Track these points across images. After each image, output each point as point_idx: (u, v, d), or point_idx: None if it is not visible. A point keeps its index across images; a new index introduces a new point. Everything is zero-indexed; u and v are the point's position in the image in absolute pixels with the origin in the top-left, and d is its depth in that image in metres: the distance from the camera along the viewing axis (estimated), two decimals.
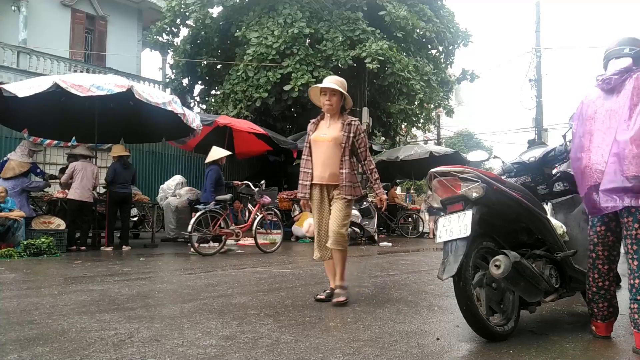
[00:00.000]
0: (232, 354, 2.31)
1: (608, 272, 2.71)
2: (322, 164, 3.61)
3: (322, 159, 3.61)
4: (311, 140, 3.69)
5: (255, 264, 6.23)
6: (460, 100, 29.93)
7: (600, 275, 2.71)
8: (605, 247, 2.70)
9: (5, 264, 5.66)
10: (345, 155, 3.57)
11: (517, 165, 3.32)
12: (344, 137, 3.57)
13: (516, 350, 2.46)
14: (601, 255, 2.71)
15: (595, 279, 2.73)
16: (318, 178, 3.64)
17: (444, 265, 2.57)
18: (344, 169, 3.56)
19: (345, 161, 3.57)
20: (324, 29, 12.93)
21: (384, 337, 2.65)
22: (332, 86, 3.57)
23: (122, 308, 3.30)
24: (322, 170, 3.61)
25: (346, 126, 3.61)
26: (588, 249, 2.78)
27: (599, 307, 2.71)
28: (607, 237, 2.69)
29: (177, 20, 14.41)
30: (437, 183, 2.76)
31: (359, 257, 7.48)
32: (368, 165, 3.69)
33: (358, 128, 3.63)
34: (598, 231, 2.72)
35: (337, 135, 3.58)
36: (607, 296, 2.70)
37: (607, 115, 2.60)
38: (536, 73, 17.31)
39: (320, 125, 3.73)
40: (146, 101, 7.13)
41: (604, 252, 2.70)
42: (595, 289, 2.72)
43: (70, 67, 15.17)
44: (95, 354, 2.26)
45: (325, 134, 3.63)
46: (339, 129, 3.60)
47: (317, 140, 3.65)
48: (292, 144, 11.42)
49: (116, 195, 7.85)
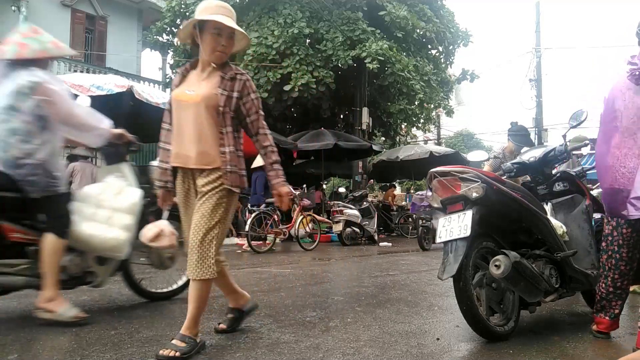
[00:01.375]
0: (232, 354, 2.31)
1: (629, 271, 2.65)
2: (188, 137, 2.36)
3: (188, 129, 2.36)
4: (172, 100, 2.45)
5: (255, 264, 6.23)
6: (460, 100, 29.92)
7: (621, 275, 2.65)
8: (630, 248, 2.62)
9: None
10: (226, 124, 2.38)
11: (517, 165, 3.32)
12: (222, 97, 2.35)
13: (516, 350, 2.46)
14: (625, 256, 2.63)
15: (615, 279, 2.66)
16: (181, 158, 2.39)
17: (444, 265, 2.57)
18: (226, 147, 2.37)
19: (227, 135, 2.38)
20: (324, 29, 12.94)
21: (384, 337, 2.65)
22: (232, 25, 2.36)
23: (122, 308, 3.30)
24: (187, 147, 2.36)
25: (227, 81, 2.39)
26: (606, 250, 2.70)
27: (612, 305, 2.68)
28: (632, 238, 2.61)
29: (177, 20, 14.42)
30: (437, 183, 2.76)
31: (359, 257, 7.48)
32: (262, 141, 2.52)
33: (246, 85, 2.44)
34: (624, 233, 2.62)
35: (210, 94, 2.34)
36: (623, 295, 2.67)
37: (638, 114, 2.41)
38: (536, 73, 17.31)
39: (190, 77, 2.48)
40: (146, 101, 7.13)
41: (629, 253, 2.63)
42: (613, 288, 2.67)
43: (70, 67, 15.16)
44: (95, 354, 2.26)
45: (193, 91, 2.37)
46: (214, 85, 2.37)
47: (181, 100, 2.39)
48: (292, 144, 11.43)
49: None
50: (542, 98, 17.33)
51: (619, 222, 2.64)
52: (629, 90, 2.46)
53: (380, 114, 15.52)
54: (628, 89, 2.47)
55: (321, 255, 7.75)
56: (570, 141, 3.17)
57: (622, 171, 2.44)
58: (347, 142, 12.29)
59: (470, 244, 2.55)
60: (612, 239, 2.67)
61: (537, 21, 17.31)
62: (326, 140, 11.79)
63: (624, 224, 2.61)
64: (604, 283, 2.72)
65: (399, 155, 13.55)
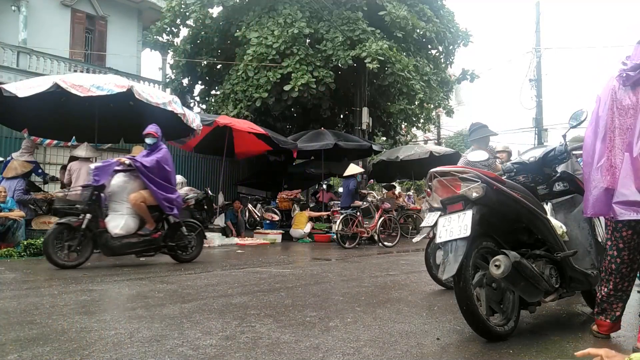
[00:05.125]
0: (232, 354, 2.31)
1: (630, 273, 2.64)
2: None
3: None
4: None
5: (255, 264, 6.23)
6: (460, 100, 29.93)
7: (622, 278, 2.64)
8: (632, 251, 2.60)
9: (5, 264, 5.65)
10: None
11: (517, 165, 3.31)
12: None
13: (516, 350, 2.46)
14: (627, 259, 2.62)
15: (616, 283, 2.65)
16: None
17: (444, 265, 2.57)
18: None
19: None
20: (324, 29, 12.94)
21: (384, 337, 2.65)
22: None
23: (122, 308, 3.30)
24: None
25: None
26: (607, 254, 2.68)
27: (613, 307, 2.67)
28: (633, 240, 2.59)
29: (177, 20, 14.41)
30: (437, 183, 2.76)
31: (359, 257, 7.48)
32: None
33: None
34: (624, 236, 2.60)
35: None
36: (624, 297, 2.66)
37: (625, 114, 2.44)
38: (536, 73, 17.32)
39: None
40: (146, 101, 7.12)
41: (630, 255, 2.61)
42: (614, 291, 2.66)
43: (70, 67, 15.16)
44: (95, 354, 2.26)
45: None
46: None
47: None
48: (292, 144, 11.43)
49: None
50: (542, 98, 17.34)
51: (616, 226, 2.61)
52: (620, 89, 2.52)
53: (380, 114, 15.52)
54: (619, 88, 2.52)
55: (321, 255, 7.75)
56: (569, 141, 3.17)
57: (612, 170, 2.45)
58: (347, 142, 12.29)
59: (470, 244, 2.55)
60: (612, 243, 2.66)
61: (537, 21, 17.33)
62: (326, 140, 11.79)
63: (622, 226, 2.59)
64: (605, 287, 2.70)
65: (399, 155, 13.54)
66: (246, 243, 9.42)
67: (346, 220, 9.21)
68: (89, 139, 8.57)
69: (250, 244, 9.41)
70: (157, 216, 5.97)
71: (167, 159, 6.02)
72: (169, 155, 6.12)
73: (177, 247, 6.07)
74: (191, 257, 6.23)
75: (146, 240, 5.83)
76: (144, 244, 5.82)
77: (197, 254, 6.33)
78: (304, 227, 10.67)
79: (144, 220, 5.85)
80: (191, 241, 6.24)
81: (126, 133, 9.29)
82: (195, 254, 6.31)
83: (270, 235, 10.41)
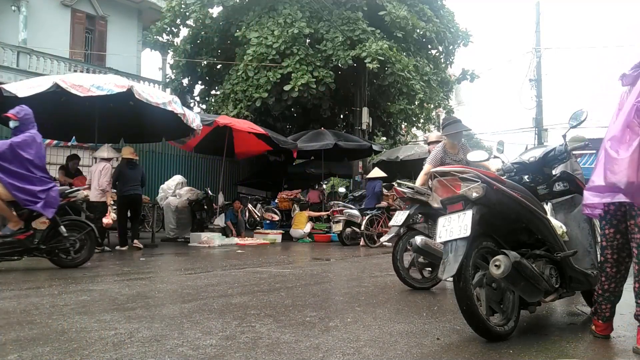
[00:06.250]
0: (232, 354, 2.31)
1: (616, 274, 2.66)
2: None
3: None
4: None
5: (255, 264, 6.23)
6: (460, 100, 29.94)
7: (607, 277, 2.68)
8: (615, 250, 2.65)
9: (6, 264, 5.65)
10: None
11: (517, 165, 3.31)
12: None
13: (516, 350, 2.46)
14: (610, 258, 2.66)
15: (602, 282, 2.70)
16: None
17: (444, 265, 2.57)
18: None
19: None
20: (324, 29, 12.94)
21: (384, 337, 2.65)
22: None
23: (122, 308, 3.30)
24: None
25: None
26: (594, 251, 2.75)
27: (602, 308, 2.70)
28: (616, 240, 2.64)
29: (177, 20, 14.43)
30: (437, 183, 2.76)
31: (359, 257, 7.48)
32: None
33: None
34: (607, 234, 2.66)
35: None
36: (612, 298, 2.68)
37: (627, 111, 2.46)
38: (536, 73, 17.31)
39: None
40: (146, 101, 7.12)
41: (613, 255, 2.65)
42: (601, 291, 2.70)
43: (70, 67, 15.16)
44: (95, 354, 2.26)
45: None
46: None
47: None
48: (292, 144, 11.43)
49: (125, 197, 7.87)
50: (542, 98, 17.33)
51: (601, 225, 2.69)
52: (625, 91, 2.60)
53: (380, 114, 15.52)
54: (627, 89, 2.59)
55: (321, 255, 7.76)
56: (569, 141, 3.17)
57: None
58: (347, 142, 12.29)
59: (470, 243, 2.55)
60: (599, 242, 2.74)
61: (537, 21, 17.32)
62: (326, 140, 11.79)
63: (605, 225, 2.66)
64: (599, 287, 2.75)
65: (399, 155, 13.54)
66: (246, 243, 9.42)
67: (371, 220, 9.65)
68: (89, 139, 8.58)
69: (250, 244, 9.41)
70: (25, 214, 5.17)
71: (28, 143, 5.05)
72: (35, 139, 5.14)
73: (57, 250, 5.31)
74: (76, 262, 5.40)
75: (6, 242, 5.02)
76: (4, 247, 5.01)
77: (86, 257, 5.51)
78: (304, 227, 10.67)
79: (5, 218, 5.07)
80: (74, 243, 5.38)
81: (126, 133, 9.28)
82: (84, 257, 5.48)
83: (270, 235, 10.42)
